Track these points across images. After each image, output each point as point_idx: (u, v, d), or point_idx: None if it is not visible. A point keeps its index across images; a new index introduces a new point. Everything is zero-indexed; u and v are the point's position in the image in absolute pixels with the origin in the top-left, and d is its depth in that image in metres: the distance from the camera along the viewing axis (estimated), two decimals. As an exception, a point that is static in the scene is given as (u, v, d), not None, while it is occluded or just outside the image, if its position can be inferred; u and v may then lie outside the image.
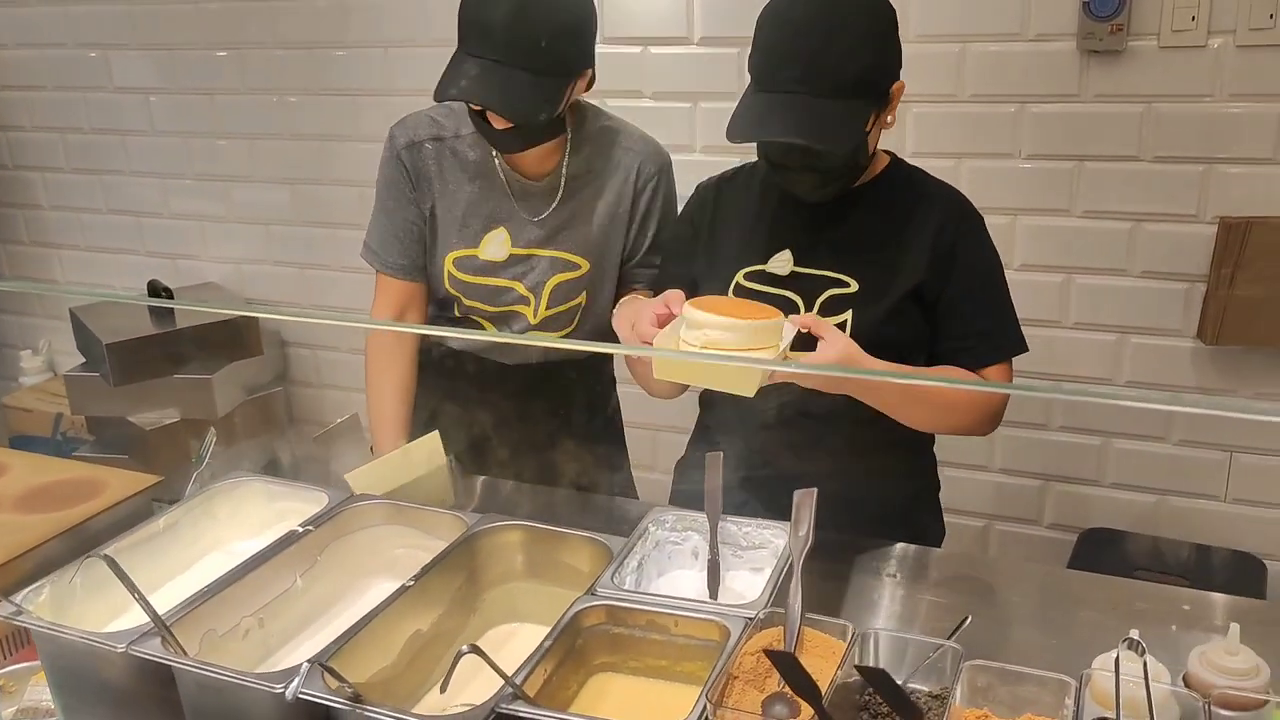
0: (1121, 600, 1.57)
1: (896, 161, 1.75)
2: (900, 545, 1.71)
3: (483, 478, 2.01)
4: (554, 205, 1.96)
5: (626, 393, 2.23)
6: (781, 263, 1.70)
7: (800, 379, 1.54)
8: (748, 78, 2.86)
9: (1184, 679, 1.19)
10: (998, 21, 2.55)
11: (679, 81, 2.89)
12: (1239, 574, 2.53)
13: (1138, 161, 2.52)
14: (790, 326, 1.50)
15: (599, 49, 1.84)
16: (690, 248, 1.84)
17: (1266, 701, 1.13)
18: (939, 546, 1.83)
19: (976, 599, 1.60)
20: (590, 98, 2.98)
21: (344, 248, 3.45)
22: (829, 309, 1.65)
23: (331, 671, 1.17)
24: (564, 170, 1.95)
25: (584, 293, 2.01)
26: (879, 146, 1.71)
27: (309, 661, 1.18)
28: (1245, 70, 2.39)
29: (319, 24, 3.26)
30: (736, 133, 1.58)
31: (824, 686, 1.08)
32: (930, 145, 2.65)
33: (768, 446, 1.75)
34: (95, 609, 1.48)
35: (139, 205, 3.77)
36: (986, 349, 1.68)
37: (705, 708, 1.14)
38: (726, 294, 1.73)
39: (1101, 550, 2.65)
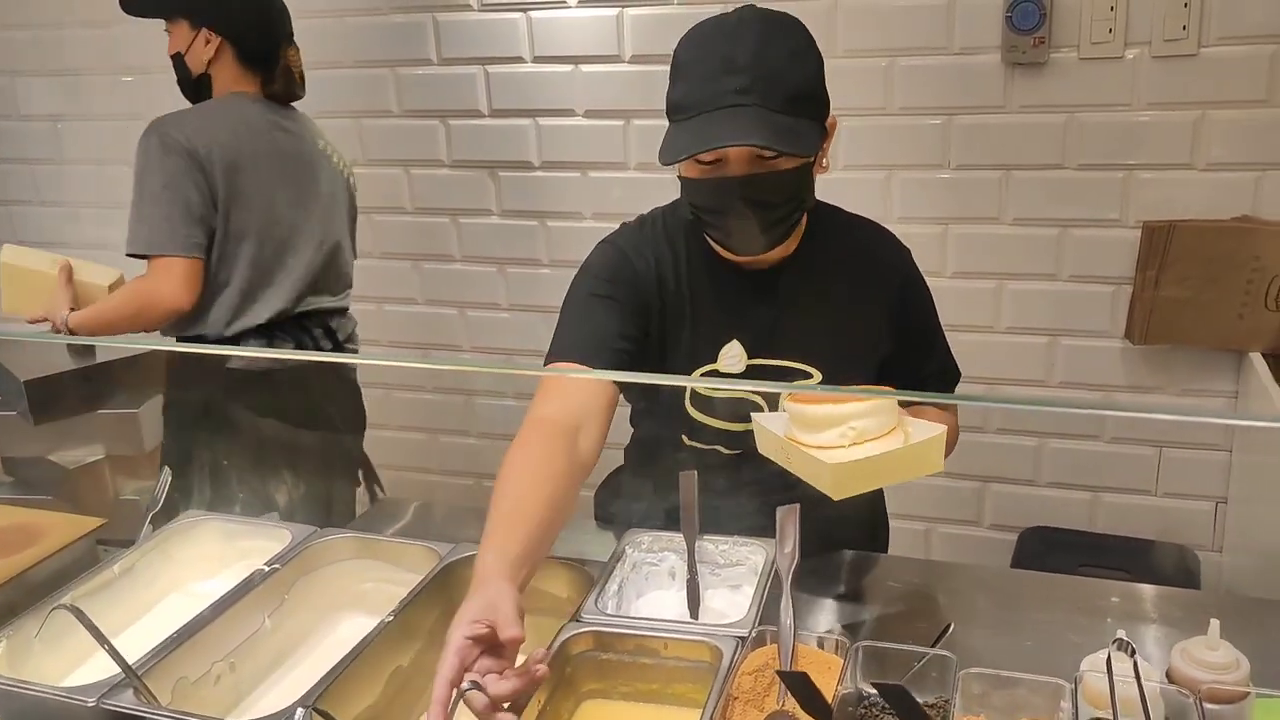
0: (1082, 598, 1.61)
1: (814, 210, 1.60)
2: (851, 554, 1.71)
3: (416, 503, 1.98)
4: None
5: None
6: (734, 359, 1.60)
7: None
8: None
9: (1167, 675, 1.22)
10: (924, 36, 2.60)
11: (611, 99, 2.90)
12: (1173, 566, 2.61)
13: (1062, 169, 2.60)
14: None
15: (529, 69, 1.84)
16: (636, 316, 1.59)
17: (1248, 694, 1.17)
18: (886, 551, 1.85)
19: (943, 604, 1.63)
20: (522, 118, 3.00)
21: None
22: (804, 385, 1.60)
23: (324, 714, 1.14)
24: None
25: None
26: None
27: (303, 707, 1.15)
28: (1160, 80, 2.48)
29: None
30: (678, 150, 1.43)
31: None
32: (861, 158, 2.69)
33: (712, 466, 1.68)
34: (52, 661, 1.43)
35: (50, 236, 3.63)
36: (940, 388, 1.71)
37: (710, 730, 1.13)
38: (684, 403, 1.64)
39: (1042, 549, 2.71)
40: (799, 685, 1.01)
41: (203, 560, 1.65)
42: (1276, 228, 2.45)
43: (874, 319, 1.63)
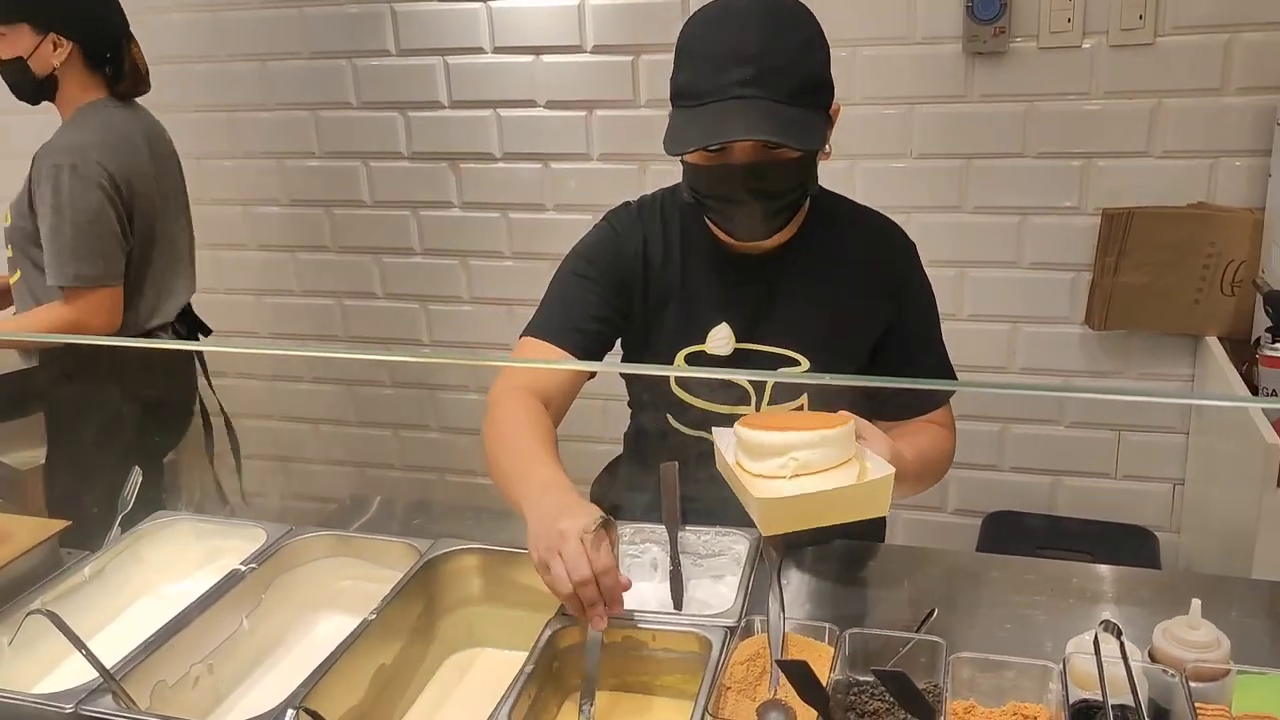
0: (1052, 580, 1.63)
1: (818, 198, 1.62)
2: (824, 541, 1.71)
3: (379, 498, 1.96)
4: None
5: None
6: (721, 341, 1.60)
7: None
8: (642, 86, 2.88)
9: (1150, 655, 1.24)
10: (886, 26, 2.62)
11: (573, 90, 2.88)
12: (1133, 546, 2.66)
13: (1022, 158, 2.63)
14: None
15: (490, 59, 1.82)
16: (617, 302, 1.63)
17: (1229, 671, 1.19)
18: (883, 539, 1.86)
19: (921, 589, 1.64)
20: (483, 109, 2.98)
21: (228, 269, 3.33)
22: (781, 393, 1.60)
23: (313, 714, 1.12)
24: None
25: None
26: None
27: (292, 707, 1.13)
28: (1118, 68, 2.51)
29: (181, 37, 3.13)
30: (686, 141, 1.43)
31: (820, 690, 1.09)
32: (824, 147, 2.70)
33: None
34: (24, 667, 1.40)
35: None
36: (931, 392, 1.67)
37: (705, 720, 1.13)
38: (669, 385, 1.62)
39: (1005, 532, 2.75)
40: (799, 674, 1.02)
41: (175, 561, 1.62)
42: (1231, 214, 2.50)
43: (867, 310, 1.63)
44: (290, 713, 1.12)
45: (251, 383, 3.44)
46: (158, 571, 1.60)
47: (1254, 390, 2.27)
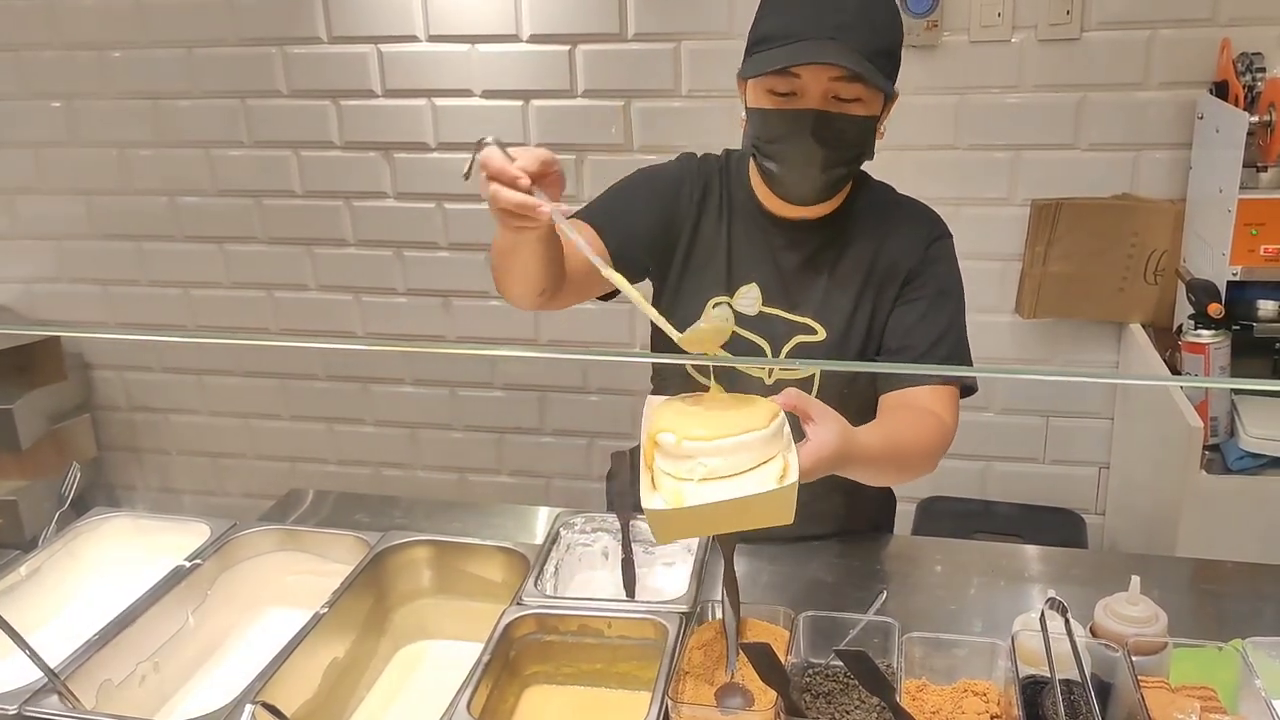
0: (988, 561, 1.69)
1: (862, 181, 1.67)
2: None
3: (314, 491, 1.93)
4: None
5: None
6: (749, 301, 1.62)
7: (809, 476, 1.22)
8: (580, 76, 2.87)
9: (1091, 630, 1.28)
10: (820, 18, 2.64)
11: (509, 80, 2.86)
12: (1062, 528, 2.74)
13: (954, 149, 2.68)
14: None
15: (424, 48, 1.78)
16: (661, 235, 1.65)
17: (1166, 644, 1.24)
18: (892, 529, 1.91)
19: (866, 572, 1.67)
20: (418, 98, 2.94)
21: (152, 261, 3.25)
22: (794, 359, 1.62)
23: (271, 709, 1.11)
24: None
25: None
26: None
27: (250, 703, 1.12)
28: (1046, 62, 2.57)
29: (99, 23, 3.05)
30: (769, 62, 1.43)
31: (779, 672, 1.11)
32: (761, 138, 2.72)
33: None
34: (-42, 670, 1.35)
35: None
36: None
37: (666, 706, 1.14)
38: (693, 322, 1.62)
39: (940, 517, 2.80)
40: (761, 656, 1.03)
41: (116, 559, 1.59)
42: (1154, 205, 2.57)
43: (886, 292, 1.63)
44: (249, 708, 1.11)
45: (179, 377, 3.37)
46: (98, 569, 1.57)
47: (1176, 376, 2.35)
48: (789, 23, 1.46)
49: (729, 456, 1.11)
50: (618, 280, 1.21)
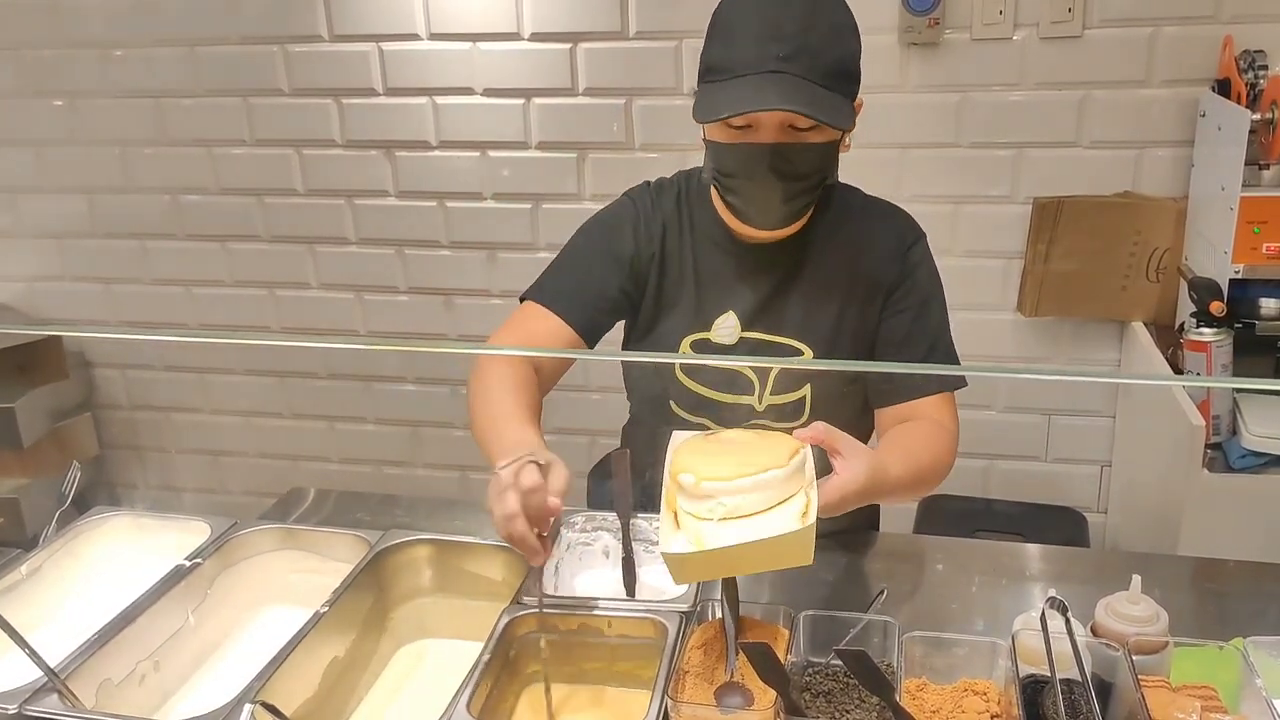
0: (990, 560, 1.68)
1: (830, 188, 1.59)
2: None
3: (315, 490, 1.94)
4: None
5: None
6: (727, 330, 1.60)
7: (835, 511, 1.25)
8: (581, 74, 2.87)
9: (1091, 629, 1.28)
10: (822, 16, 2.64)
11: (510, 78, 2.86)
12: (1063, 527, 2.73)
13: (956, 147, 2.68)
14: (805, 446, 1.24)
15: (425, 46, 1.77)
16: (627, 285, 1.63)
17: (1168, 644, 1.23)
18: (878, 527, 1.89)
19: (867, 571, 1.67)
20: (419, 96, 2.94)
21: (154, 260, 3.26)
22: (784, 383, 1.60)
23: (270, 708, 1.11)
24: None
25: None
26: None
27: (249, 702, 1.12)
28: (1048, 60, 2.57)
29: (101, 21, 3.04)
30: (718, 108, 1.41)
31: (779, 672, 1.10)
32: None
33: None
34: (-42, 669, 1.35)
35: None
36: (930, 388, 1.60)
37: (665, 706, 1.14)
38: (674, 371, 1.60)
39: (941, 516, 2.80)
40: (760, 656, 1.03)
41: (116, 558, 1.58)
42: (1156, 202, 2.57)
43: (872, 303, 1.61)
44: (248, 708, 1.11)
45: (180, 376, 3.37)
46: (98, 568, 1.57)
47: (1178, 374, 2.34)
48: (733, 55, 1.43)
49: (750, 495, 1.13)
50: None
